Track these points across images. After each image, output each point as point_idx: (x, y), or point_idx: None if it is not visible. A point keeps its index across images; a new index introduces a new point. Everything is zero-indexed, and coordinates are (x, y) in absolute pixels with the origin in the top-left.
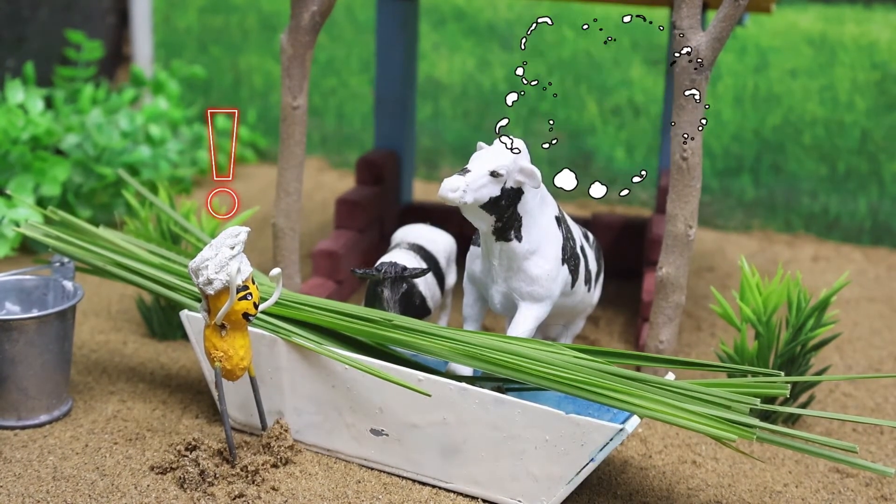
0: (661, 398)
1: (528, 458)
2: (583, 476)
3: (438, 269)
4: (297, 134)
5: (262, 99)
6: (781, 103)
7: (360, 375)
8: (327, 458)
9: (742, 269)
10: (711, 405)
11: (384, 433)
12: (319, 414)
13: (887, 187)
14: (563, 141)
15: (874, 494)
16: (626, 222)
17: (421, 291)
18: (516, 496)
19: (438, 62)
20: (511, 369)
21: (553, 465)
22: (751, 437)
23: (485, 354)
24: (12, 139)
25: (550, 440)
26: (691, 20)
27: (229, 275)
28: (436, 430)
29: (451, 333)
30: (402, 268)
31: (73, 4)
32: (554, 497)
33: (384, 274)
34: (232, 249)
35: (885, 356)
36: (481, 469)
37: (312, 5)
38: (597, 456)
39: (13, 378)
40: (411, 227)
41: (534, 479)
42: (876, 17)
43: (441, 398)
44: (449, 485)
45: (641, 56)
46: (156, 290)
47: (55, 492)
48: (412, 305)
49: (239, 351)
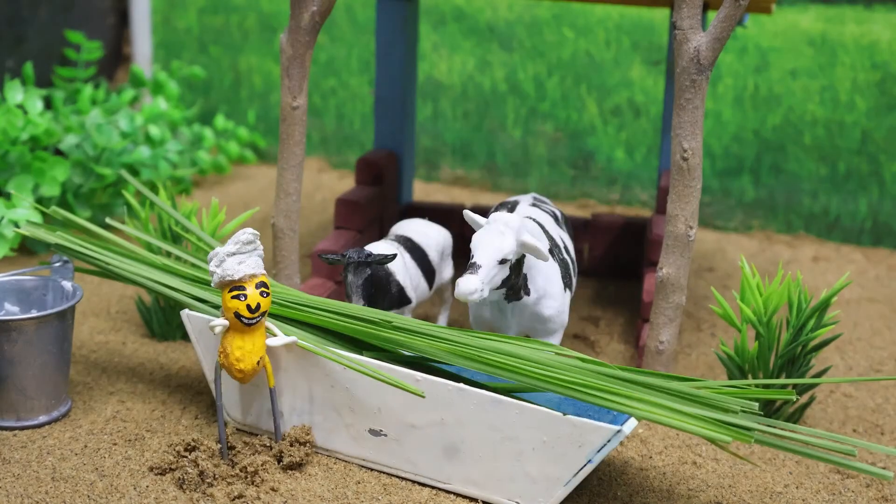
0: (658, 400)
1: (525, 458)
2: (580, 477)
3: (427, 262)
4: (296, 134)
5: (262, 99)
6: (782, 104)
7: (359, 375)
8: (327, 459)
9: (742, 270)
10: (710, 408)
11: (383, 433)
12: (318, 414)
13: (888, 188)
14: (563, 141)
15: (875, 495)
16: (627, 223)
17: (398, 280)
18: (514, 497)
19: (438, 62)
20: (509, 371)
21: (551, 466)
22: (749, 441)
23: (483, 356)
24: (12, 139)
25: (548, 441)
26: (692, 20)
27: (225, 271)
28: (434, 431)
29: (449, 334)
30: (367, 254)
31: (73, 5)
32: (552, 498)
33: (347, 258)
34: (234, 245)
35: (886, 357)
36: (479, 470)
37: (312, 6)
38: (594, 457)
39: (12, 379)
40: (408, 220)
41: (531, 480)
42: (876, 18)
43: (439, 398)
44: (447, 485)
45: (641, 56)
46: (158, 290)
47: (54, 492)
48: (387, 293)
49: (235, 352)
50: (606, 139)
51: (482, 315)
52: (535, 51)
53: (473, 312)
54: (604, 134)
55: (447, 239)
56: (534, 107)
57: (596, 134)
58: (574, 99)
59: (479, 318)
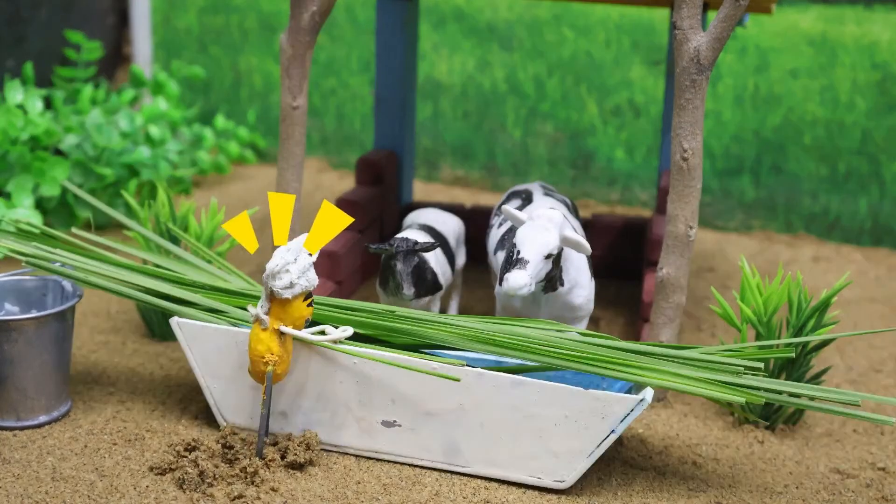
0: (669, 369)
1: (547, 435)
2: (603, 448)
3: (448, 249)
4: (296, 134)
5: (262, 99)
6: (782, 104)
7: (370, 369)
8: (326, 459)
9: (742, 270)
10: (719, 373)
11: (397, 424)
12: (327, 411)
13: (888, 188)
14: (562, 141)
15: (875, 495)
16: (627, 223)
17: (432, 267)
18: (536, 473)
19: (438, 62)
20: (521, 350)
21: (573, 440)
22: (759, 400)
23: (494, 338)
24: (12, 139)
25: (570, 416)
26: (692, 20)
27: (309, 280)
28: (452, 417)
29: (455, 320)
30: (414, 242)
31: (73, 5)
32: (574, 471)
33: (396, 248)
34: (310, 256)
35: (886, 357)
36: (500, 450)
37: (312, 5)
38: (617, 427)
39: (12, 379)
40: (422, 210)
41: (554, 456)
42: (876, 18)
43: (458, 384)
44: (466, 469)
45: (641, 56)
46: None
47: (54, 492)
48: (424, 280)
49: (287, 358)
50: (606, 139)
51: (512, 305)
52: (535, 51)
53: (502, 303)
54: (604, 134)
55: (461, 227)
56: (534, 107)
57: (596, 134)
58: (574, 99)
59: (508, 309)
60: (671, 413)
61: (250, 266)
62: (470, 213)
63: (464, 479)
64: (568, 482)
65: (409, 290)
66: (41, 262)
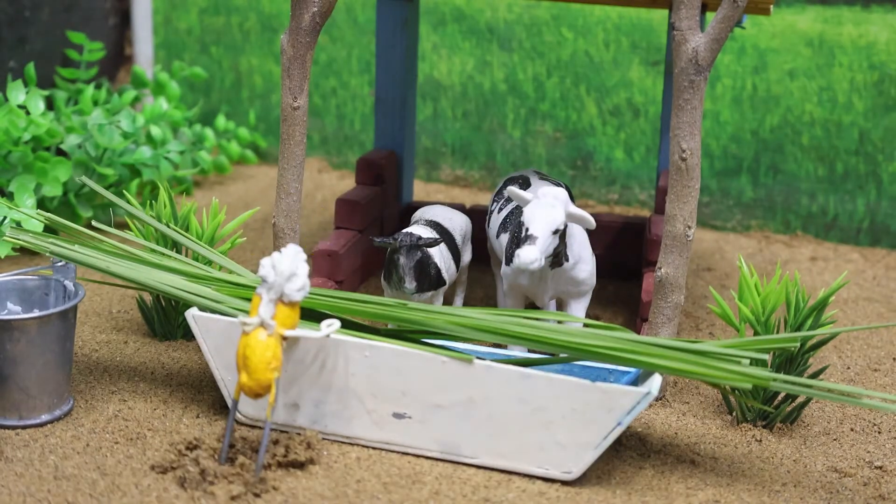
0: (676, 356)
1: (555, 427)
2: (610, 440)
3: (454, 245)
4: (297, 134)
5: (263, 100)
6: (780, 104)
7: (381, 362)
8: (327, 458)
9: (740, 270)
10: (725, 360)
11: (407, 416)
12: (338, 403)
13: (885, 188)
14: (562, 141)
15: (872, 494)
16: (625, 222)
17: (436, 262)
18: (543, 465)
19: (438, 62)
20: (529, 340)
21: (581, 433)
22: (767, 384)
23: (499, 328)
24: (14, 140)
25: (578, 409)
26: (690, 21)
27: (305, 287)
28: (461, 409)
29: (457, 311)
30: (418, 237)
31: (75, 5)
32: (581, 463)
33: (400, 242)
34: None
35: (883, 356)
36: (508, 442)
37: (313, 6)
38: (624, 419)
39: (14, 378)
40: (429, 206)
41: (561, 447)
42: (874, 19)
43: (466, 377)
44: (474, 460)
45: (640, 57)
46: (159, 289)
47: (56, 491)
48: (427, 275)
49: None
50: (605, 139)
51: (519, 284)
52: (535, 51)
53: (509, 281)
54: (603, 134)
55: (468, 224)
56: (533, 107)
57: (595, 134)
58: (573, 99)
59: (514, 288)
60: (670, 412)
61: (250, 266)
62: (470, 213)
63: (464, 478)
64: (575, 474)
65: (412, 284)
66: (65, 251)
